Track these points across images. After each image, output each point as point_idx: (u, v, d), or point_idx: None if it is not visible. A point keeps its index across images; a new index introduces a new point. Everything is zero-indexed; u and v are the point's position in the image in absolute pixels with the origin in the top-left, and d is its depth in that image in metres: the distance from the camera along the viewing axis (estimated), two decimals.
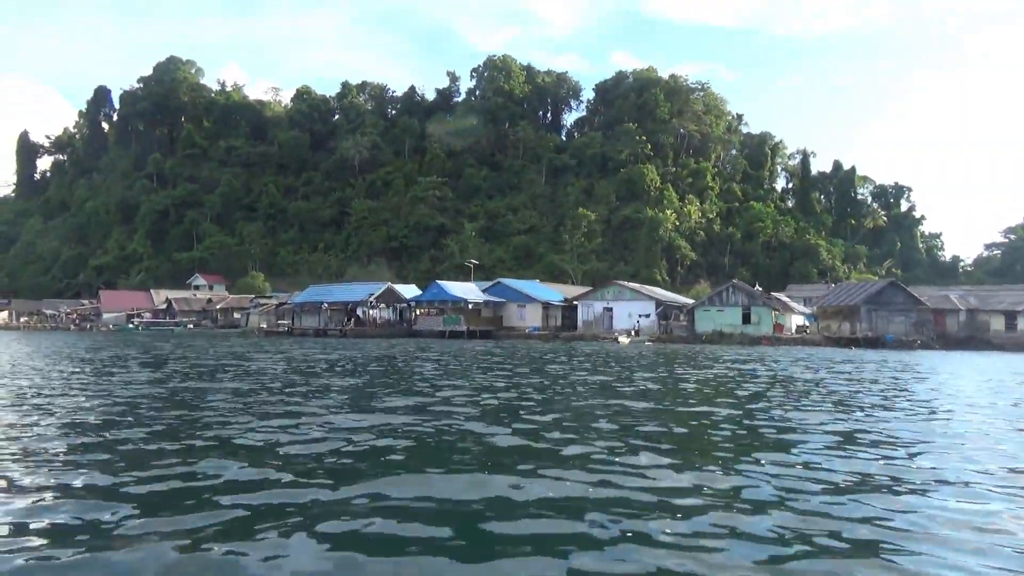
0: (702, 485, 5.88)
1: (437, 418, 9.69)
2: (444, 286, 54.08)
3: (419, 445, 7.81)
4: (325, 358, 24.62)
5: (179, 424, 9.17)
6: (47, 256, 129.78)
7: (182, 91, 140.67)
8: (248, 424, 9.02)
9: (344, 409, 10.71)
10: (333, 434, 8.25)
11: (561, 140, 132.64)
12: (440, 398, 12.32)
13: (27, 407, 10.58)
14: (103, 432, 8.33)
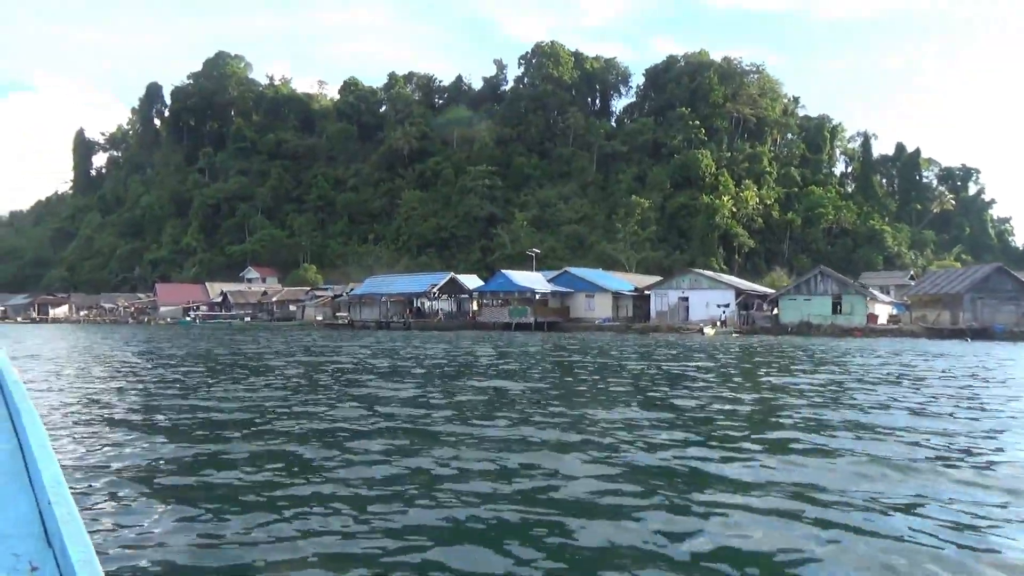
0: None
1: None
2: (510, 276, 52.37)
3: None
4: (445, 355, 22.73)
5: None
6: (105, 251, 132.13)
7: (231, 85, 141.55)
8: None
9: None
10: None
11: (611, 127, 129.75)
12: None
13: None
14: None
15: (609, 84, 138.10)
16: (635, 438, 7.76)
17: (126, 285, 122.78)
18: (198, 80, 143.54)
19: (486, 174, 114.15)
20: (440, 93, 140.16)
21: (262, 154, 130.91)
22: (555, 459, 6.67)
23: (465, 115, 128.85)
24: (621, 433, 8.07)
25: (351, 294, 67.80)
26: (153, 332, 53.61)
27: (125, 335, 43.21)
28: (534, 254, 67.20)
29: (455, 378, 14.68)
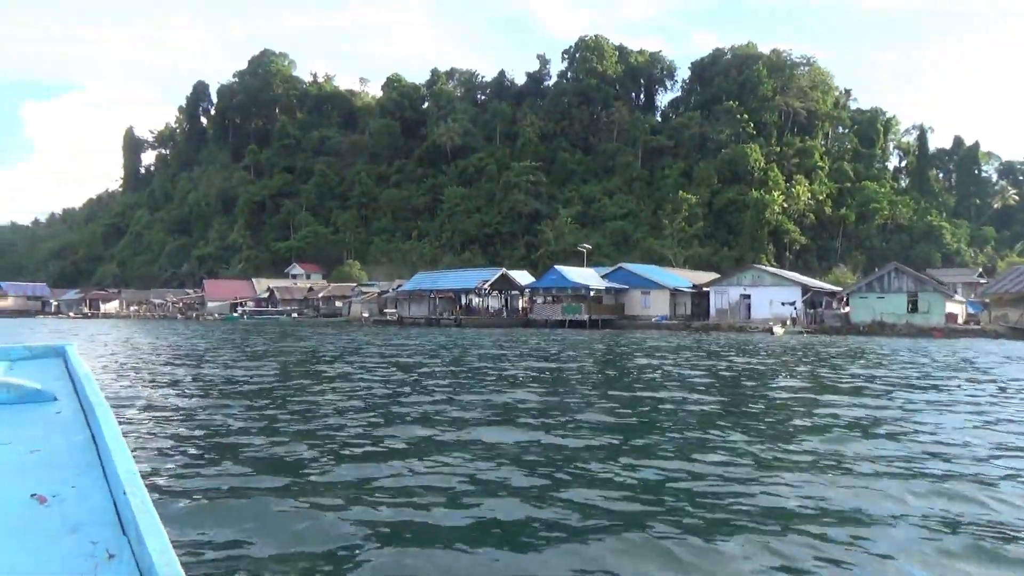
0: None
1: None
2: (563, 272, 51.18)
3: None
4: (522, 354, 21.74)
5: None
6: (154, 247, 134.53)
7: (276, 83, 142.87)
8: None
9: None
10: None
11: (656, 121, 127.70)
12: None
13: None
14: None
15: (654, 78, 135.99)
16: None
17: (174, 281, 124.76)
18: (243, 78, 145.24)
19: (530, 170, 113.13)
20: (483, 89, 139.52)
21: (306, 151, 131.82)
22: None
23: (508, 110, 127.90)
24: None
25: (399, 290, 67.31)
26: (206, 328, 53.73)
27: (184, 331, 43.18)
28: (585, 250, 65.86)
29: (599, 387, 13.24)
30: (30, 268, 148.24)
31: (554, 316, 48.90)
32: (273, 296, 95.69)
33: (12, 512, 1.56)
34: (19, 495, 1.66)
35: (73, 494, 1.68)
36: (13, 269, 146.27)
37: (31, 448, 2.03)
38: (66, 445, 2.08)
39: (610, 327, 45.94)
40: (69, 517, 1.53)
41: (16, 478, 1.77)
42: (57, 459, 1.94)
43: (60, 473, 1.81)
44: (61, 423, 2.31)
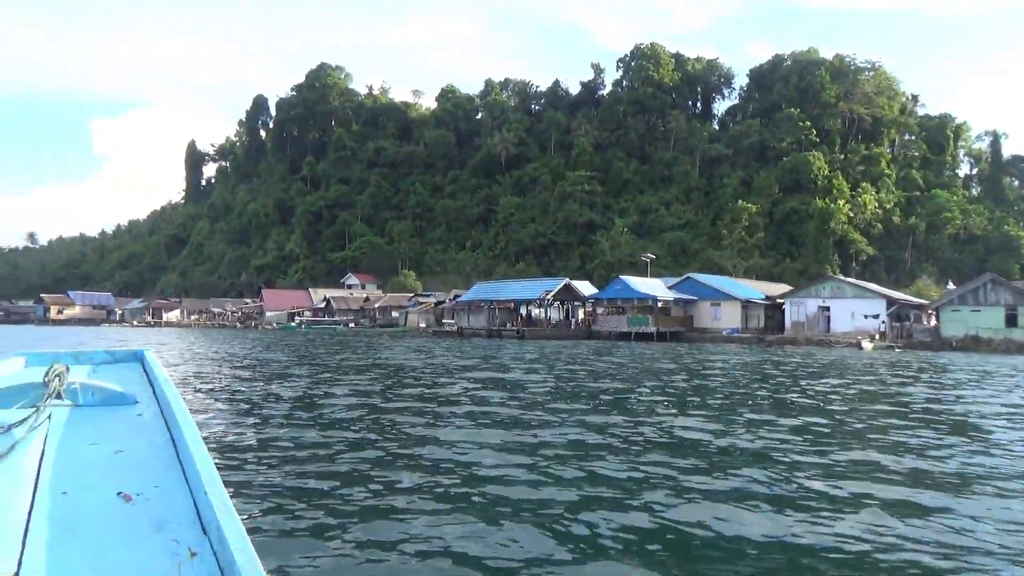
0: None
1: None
2: (629, 282, 49.72)
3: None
4: (636, 371, 20.61)
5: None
6: (214, 257, 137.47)
7: (332, 96, 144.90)
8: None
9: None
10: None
11: (714, 129, 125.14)
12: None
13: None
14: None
15: (711, 86, 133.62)
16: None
17: (233, 290, 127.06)
18: (301, 91, 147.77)
19: (585, 179, 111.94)
20: (536, 99, 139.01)
21: (362, 162, 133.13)
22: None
23: (563, 120, 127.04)
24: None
25: (457, 300, 66.71)
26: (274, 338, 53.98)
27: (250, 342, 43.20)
28: (648, 260, 64.15)
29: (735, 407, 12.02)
30: (97, 278, 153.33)
31: (619, 328, 47.43)
32: (330, 306, 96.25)
33: (102, 509, 1.63)
34: (107, 493, 1.74)
35: (156, 493, 1.74)
36: (82, 279, 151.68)
37: (116, 448, 2.12)
38: (148, 446, 2.17)
39: (678, 339, 44.32)
40: (153, 515, 1.60)
41: (104, 477, 1.85)
42: (140, 459, 2.04)
43: (143, 473, 1.90)
44: (142, 425, 2.44)
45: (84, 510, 1.62)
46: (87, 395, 2.70)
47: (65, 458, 2.01)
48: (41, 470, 1.89)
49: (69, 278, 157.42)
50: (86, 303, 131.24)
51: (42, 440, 2.15)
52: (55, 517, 1.56)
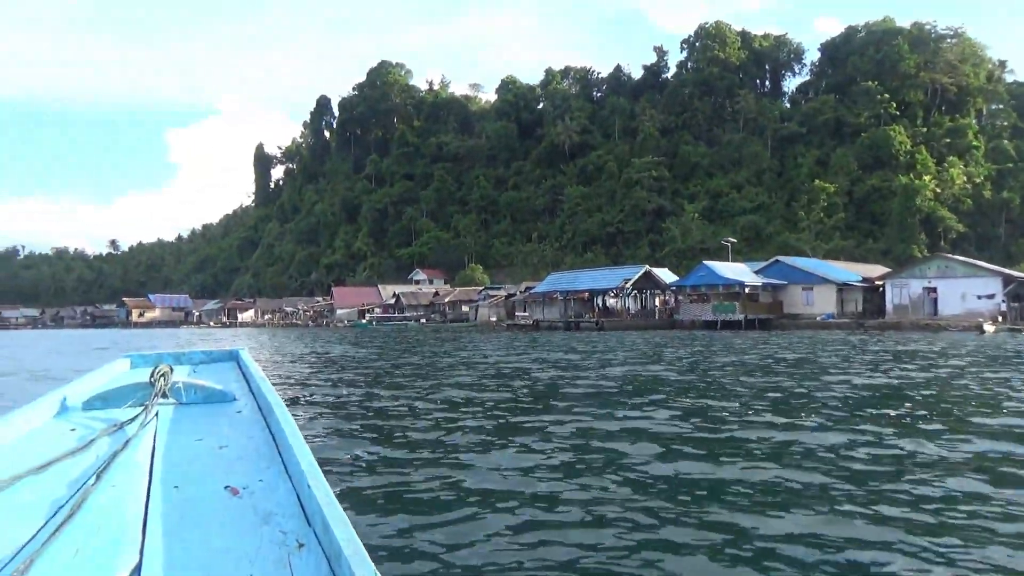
0: None
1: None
2: (713, 267, 47.57)
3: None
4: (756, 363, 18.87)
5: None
6: (284, 257, 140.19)
7: (394, 93, 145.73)
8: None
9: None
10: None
11: (786, 108, 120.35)
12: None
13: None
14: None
15: (780, 63, 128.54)
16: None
17: (304, 289, 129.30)
18: (363, 90, 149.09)
19: (651, 165, 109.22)
20: (598, 85, 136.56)
21: (425, 158, 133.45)
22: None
23: (626, 105, 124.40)
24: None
25: (531, 292, 65.61)
26: (345, 335, 53.99)
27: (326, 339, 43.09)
28: (728, 244, 61.59)
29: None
30: (176, 281, 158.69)
31: (702, 316, 45.36)
32: (399, 302, 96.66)
33: (211, 502, 1.71)
34: (215, 487, 1.81)
35: (260, 487, 1.80)
36: (161, 282, 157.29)
37: (219, 444, 2.22)
38: (248, 441, 2.26)
39: (768, 327, 42.04)
40: (259, 508, 1.65)
41: (210, 471, 1.94)
42: (243, 454, 2.12)
43: (246, 467, 1.98)
44: (242, 421, 2.55)
45: (195, 503, 1.70)
46: (190, 393, 2.84)
47: (174, 454, 2.12)
48: (153, 465, 1.99)
49: (149, 282, 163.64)
50: (165, 306, 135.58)
51: (152, 437, 2.28)
52: (169, 509, 1.64)
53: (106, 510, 1.61)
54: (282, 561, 1.36)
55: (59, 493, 1.72)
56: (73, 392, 2.83)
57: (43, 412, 2.58)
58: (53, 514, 1.58)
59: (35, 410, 2.53)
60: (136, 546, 1.43)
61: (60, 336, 65.24)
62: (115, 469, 1.89)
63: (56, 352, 31.96)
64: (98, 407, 2.73)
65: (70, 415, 2.66)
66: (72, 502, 1.62)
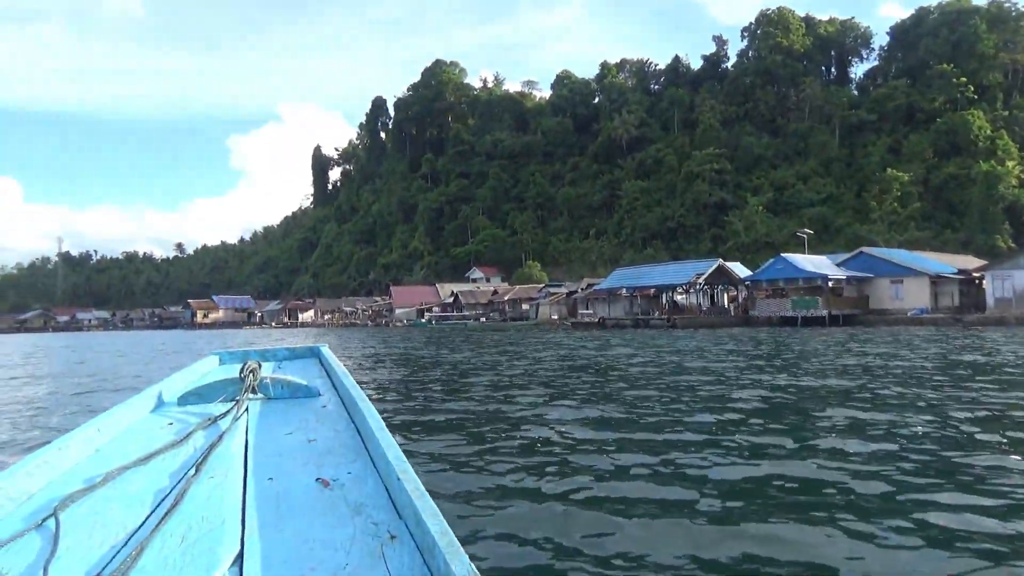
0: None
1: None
2: (792, 260, 45.18)
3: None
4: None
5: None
6: (343, 257, 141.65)
7: (448, 92, 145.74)
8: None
9: None
10: None
11: (853, 95, 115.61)
12: None
13: None
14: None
15: (847, 48, 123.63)
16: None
17: (362, 289, 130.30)
18: (417, 90, 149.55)
19: (712, 158, 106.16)
20: (656, 77, 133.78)
21: (480, 156, 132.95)
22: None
23: (685, 97, 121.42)
24: None
25: (594, 289, 64.06)
26: (406, 333, 53.49)
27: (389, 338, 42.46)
28: (805, 235, 58.81)
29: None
30: (238, 282, 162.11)
31: (780, 312, 43.06)
32: (457, 300, 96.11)
33: (304, 493, 1.74)
34: (307, 479, 1.85)
35: (350, 480, 1.83)
36: (225, 284, 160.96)
37: (308, 438, 2.28)
38: (335, 435, 2.31)
39: (853, 323, 39.58)
40: (350, 500, 1.69)
41: (301, 464, 1.99)
42: (330, 448, 2.16)
43: (335, 460, 2.02)
44: (327, 416, 2.60)
45: (289, 494, 1.73)
46: (277, 389, 2.94)
47: (265, 447, 2.18)
48: (247, 457, 2.06)
49: (214, 283, 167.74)
50: (228, 307, 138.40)
51: (244, 431, 2.37)
52: (265, 500, 1.69)
53: (206, 500, 1.67)
54: (375, 552, 1.39)
55: (162, 484, 1.80)
56: (168, 388, 2.96)
57: (141, 407, 2.70)
58: (158, 503, 1.67)
59: (134, 405, 2.65)
60: (237, 535, 1.48)
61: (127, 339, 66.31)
62: (212, 461, 1.96)
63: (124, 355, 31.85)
64: (192, 402, 2.84)
65: (166, 410, 2.77)
66: (175, 492, 1.70)
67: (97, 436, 2.23)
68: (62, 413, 10.53)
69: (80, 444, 2.12)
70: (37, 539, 1.46)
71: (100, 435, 2.25)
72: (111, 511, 1.62)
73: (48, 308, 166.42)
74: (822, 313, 40.56)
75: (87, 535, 1.49)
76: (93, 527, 1.53)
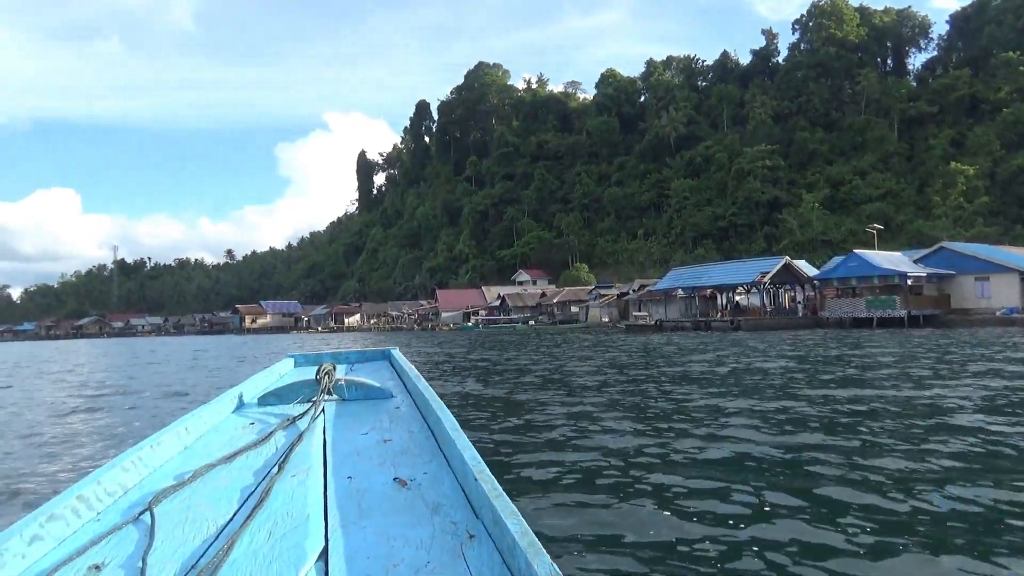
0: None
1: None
2: (867, 257, 42.64)
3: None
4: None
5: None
6: (388, 261, 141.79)
7: (491, 94, 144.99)
8: None
9: None
10: None
11: (912, 86, 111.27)
12: None
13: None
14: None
15: (904, 39, 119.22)
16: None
17: (408, 293, 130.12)
18: (461, 92, 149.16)
19: (764, 154, 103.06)
20: (703, 74, 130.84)
21: (524, 157, 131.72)
22: None
23: (735, 93, 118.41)
24: None
25: (649, 290, 62.18)
26: (454, 337, 52.51)
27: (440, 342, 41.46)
28: (874, 231, 55.96)
29: None
30: (286, 287, 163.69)
31: (853, 313, 40.64)
32: (504, 303, 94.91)
33: (383, 492, 1.77)
34: (385, 478, 1.88)
35: (426, 479, 1.85)
36: (273, 289, 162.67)
37: (383, 438, 2.34)
38: (409, 436, 2.36)
39: (934, 324, 37.06)
40: (428, 499, 1.69)
41: (378, 464, 2.02)
42: (405, 448, 2.20)
43: (410, 460, 2.05)
44: (401, 417, 2.66)
45: (368, 493, 1.76)
46: (351, 390, 3.02)
47: (342, 447, 2.22)
48: (326, 457, 2.09)
49: (262, 289, 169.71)
50: (276, 311, 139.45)
51: (321, 430, 2.43)
52: (346, 498, 1.72)
53: (290, 497, 1.71)
54: (455, 551, 1.39)
55: (247, 481, 1.86)
56: (248, 389, 3.10)
57: (224, 408, 2.81)
58: (244, 500, 1.72)
59: (217, 406, 2.75)
60: (321, 531, 1.51)
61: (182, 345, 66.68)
62: (293, 460, 2.02)
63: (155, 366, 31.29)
64: (271, 403, 2.95)
65: (246, 410, 2.89)
66: (260, 489, 1.76)
67: (185, 435, 2.32)
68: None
69: (169, 442, 2.19)
70: (134, 531, 1.53)
71: (188, 434, 2.35)
72: (201, 506, 1.68)
73: (103, 314, 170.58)
74: (900, 313, 38.08)
75: (180, 528, 1.55)
76: (185, 521, 1.59)
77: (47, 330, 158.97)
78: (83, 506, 1.63)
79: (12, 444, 8.84)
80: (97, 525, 1.58)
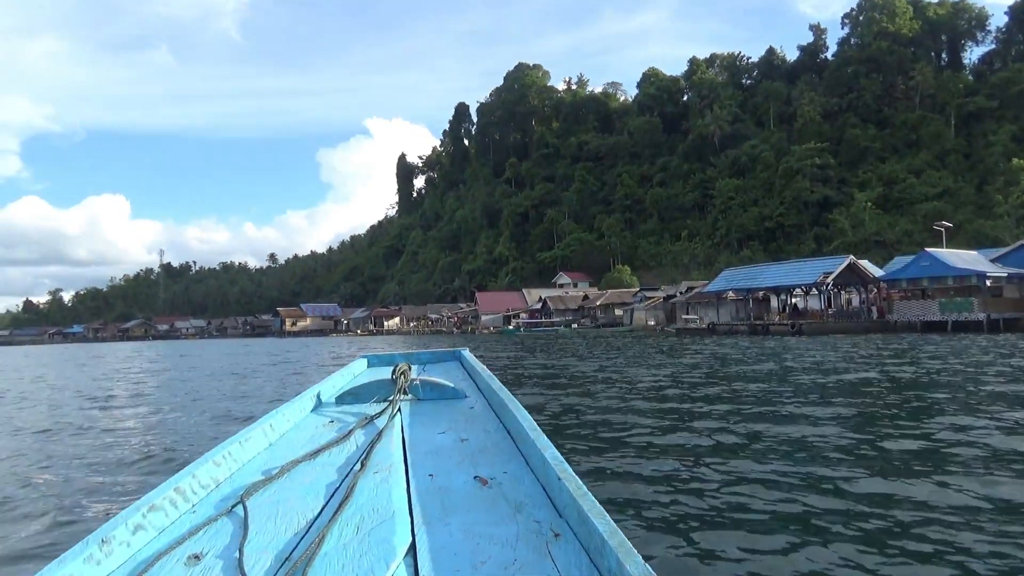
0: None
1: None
2: (940, 256, 40.07)
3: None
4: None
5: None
6: (428, 264, 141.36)
7: (531, 95, 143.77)
8: None
9: None
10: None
11: (970, 80, 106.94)
12: None
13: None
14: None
15: (960, 31, 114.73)
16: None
17: (447, 296, 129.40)
18: (500, 94, 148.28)
19: (814, 152, 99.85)
20: (748, 71, 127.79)
21: (565, 158, 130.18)
22: None
23: (781, 90, 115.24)
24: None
25: (699, 292, 60.18)
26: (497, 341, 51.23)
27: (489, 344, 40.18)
28: (942, 229, 53.14)
29: None
30: (326, 291, 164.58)
31: (927, 316, 38.18)
32: (546, 306, 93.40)
33: (464, 490, 1.77)
34: (465, 476, 1.88)
35: (506, 478, 1.85)
36: (313, 292, 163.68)
37: (460, 437, 2.35)
38: (485, 435, 2.37)
39: (1014, 330, 34.41)
40: (510, 498, 1.69)
41: (457, 462, 2.04)
42: (483, 447, 2.21)
43: (489, 459, 2.06)
44: (475, 416, 2.69)
45: (450, 491, 1.76)
46: (426, 390, 3.06)
47: (421, 445, 2.25)
48: (406, 455, 2.12)
49: (303, 292, 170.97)
50: (316, 315, 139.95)
51: (399, 429, 2.47)
52: (428, 496, 1.72)
53: (375, 493, 1.73)
54: (541, 550, 1.38)
55: (331, 477, 1.89)
56: (325, 389, 3.17)
57: (303, 406, 2.87)
58: (331, 495, 1.75)
59: (297, 405, 2.80)
60: (407, 527, 1.52)
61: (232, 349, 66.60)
62: (374, 457, 2.05)
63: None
64: (348, 402, 3.02)
65: (325, 409, 2.94)
66: (345, 485, 1.78)
67: (270, 432, 2.39)
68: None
69: (256, 439, 2.25)
70: (229, 523, 1.57)
71: (272, 431, 2.41)
72: (289, 500, 1.72)
73: (149, 317, 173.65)
74: (978, 317, 35.57)
75: (272, 521, 1.58)
76: (276, 514, 1.62)
77: (95, 332, 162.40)
78: (180, 498, 1.68)
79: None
80: (193, 516, 1.64)
